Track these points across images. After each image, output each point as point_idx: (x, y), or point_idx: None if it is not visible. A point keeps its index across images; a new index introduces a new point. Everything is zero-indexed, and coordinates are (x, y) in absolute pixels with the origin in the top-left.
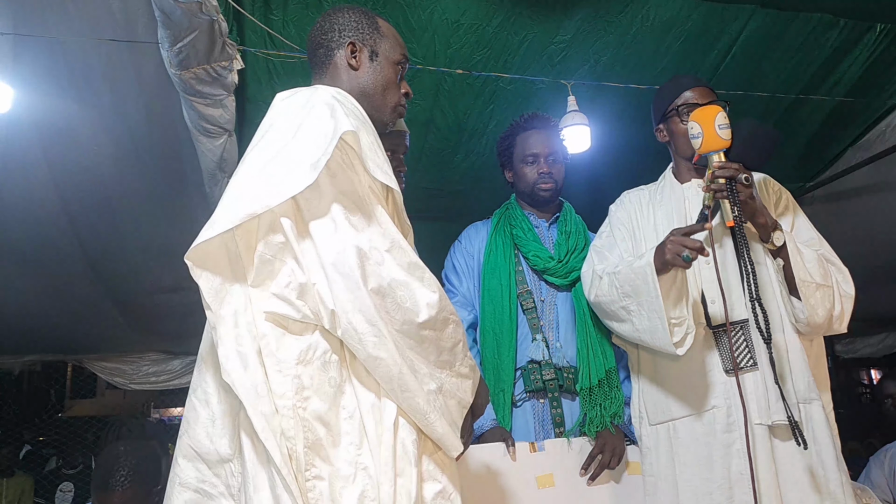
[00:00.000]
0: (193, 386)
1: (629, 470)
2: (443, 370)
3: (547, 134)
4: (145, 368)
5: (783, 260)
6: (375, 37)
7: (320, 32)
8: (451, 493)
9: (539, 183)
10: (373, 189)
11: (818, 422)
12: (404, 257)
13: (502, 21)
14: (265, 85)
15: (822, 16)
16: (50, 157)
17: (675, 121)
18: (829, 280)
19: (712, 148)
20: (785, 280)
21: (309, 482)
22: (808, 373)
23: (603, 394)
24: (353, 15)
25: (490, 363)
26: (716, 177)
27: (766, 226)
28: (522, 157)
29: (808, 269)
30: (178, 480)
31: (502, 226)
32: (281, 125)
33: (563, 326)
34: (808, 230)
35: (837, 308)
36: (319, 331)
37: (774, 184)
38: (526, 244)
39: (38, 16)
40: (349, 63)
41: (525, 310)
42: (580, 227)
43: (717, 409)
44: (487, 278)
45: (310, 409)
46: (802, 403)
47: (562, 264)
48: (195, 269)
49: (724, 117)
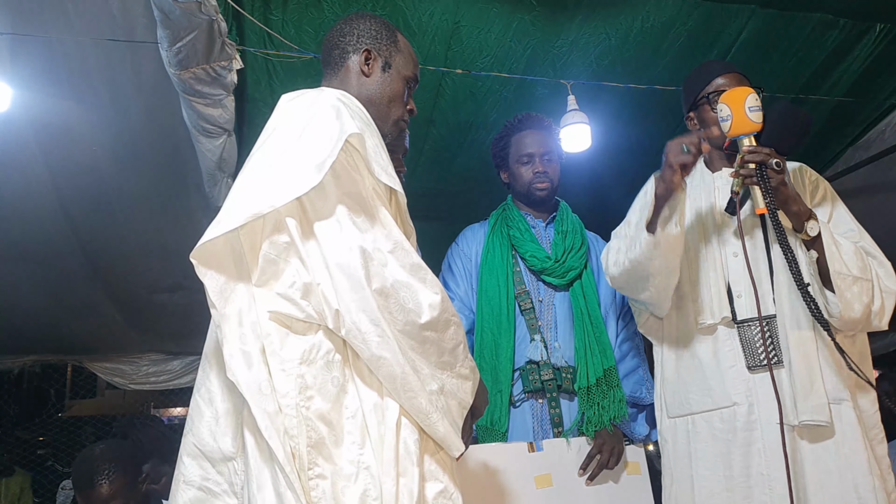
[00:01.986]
0: (198, 385)
1: (628, 470)
2: (444, 371)
3: (542, 133)
4: (145, 368)
5: (817, 252)
6: (392, 49)
7: (339, 34)
8: (452, 492)
9: (535, 182)
10: (376, 191)
11: (848, 423)
12: (407, 259)
13: (503, 24)
14: (264, 85)
15: (821, 16)
16: (48, 157)
17: (706, 108)
18: (867, 273)
19: (742, 131)
20: (818, 273)
21: (312, 481)
22: (838, 371)
23: (601, 393)
24: (375, 24)
25: (488, 364)
26: (745, 161)
27: (800, 214)
28: (518, 157)
29: (844, 261)
30: (182, 478)
31: (499, 227)
32: (286, 126)
33: (561, 326)
34: (848, 221)
35: (877, 303)
36: (323, 330)
37: (811, 172)
38: (523, 244)
39: (37, 15)
40: (361, 69)
41: (523, 310)
42: (577, 226)
43: (737, 407)
44: (485, 279)
45: (313, 409)
46: (833, 403)
47: (559, 264)
48: (200, 268)
49: (755, 99)
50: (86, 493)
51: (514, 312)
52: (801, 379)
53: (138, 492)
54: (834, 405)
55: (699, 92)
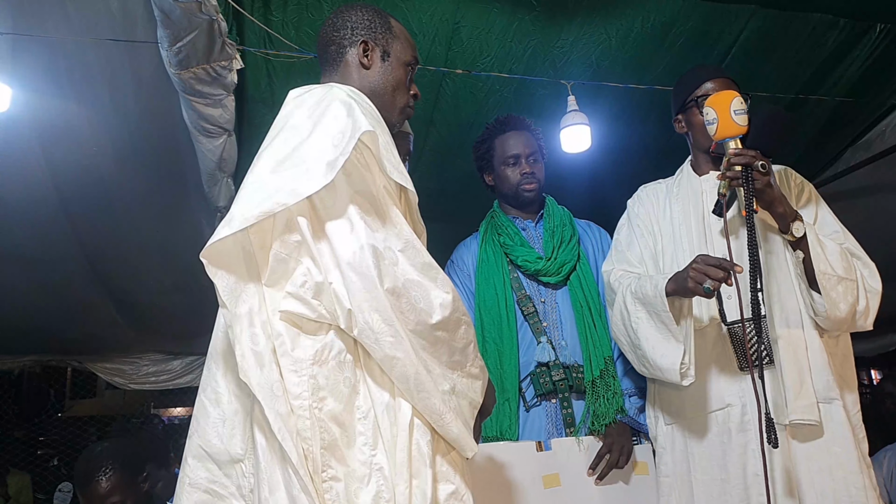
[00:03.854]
0: (203, 385)
1: (636, 470)
2: (454, 371)
3: (525, 134)
4: (145, 368)
5: (803, 252)
6: (388, 37)
7: (332, 29)
8: (463, 493)
9: (523, 183)
10: (387, 189)
11: (838, 423)
12: (418, 258)
13: (504, 25)
14: (265, 85)
15: (821, 16)
16: (49, 157)
17: (694, 111)
18: (852, 274)
19: (728, 134)
20: (805, 273)
21: (325, 483)
22: (828, 371)
23: (605, 385)
24: (367, 14)
25: (493, 373)
26: (731, 164)
27: (785, 216)
28: (503, 159)
29: (829, 262)
30: (187, 481)
31: (490, 236)
32: (296, 123)
33: (566, 323)
34: (832, 223)
35: (862, 303)
36: (334, 330)
37: (796, 175)
38: (514, 250)
39: (37, 15)
40: (361, 62)
41: (526, 315)
42: (565, 219)
43: (731, 408)
44: (482, 290)
45: (325, 410)
46: (822, 403)
47: (552, 261)
48: (211, 268)
49: (740, 102)
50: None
51: (514, 320)
52: (790, 379)
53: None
54: (823, 404)
55: (688, 95)
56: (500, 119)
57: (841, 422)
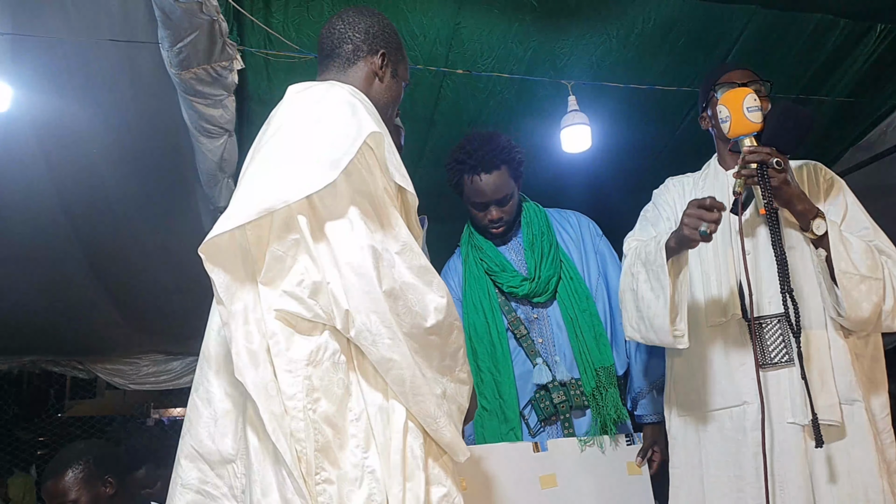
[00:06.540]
0: (195, 385)
1: (630, 470)
2: (444, 375)
3: (493, 176)
4: (145, 369)
5: (825, 250)
6: (398, 56)
7: (350, 28)
8: (454, 496)
9: (490, 228)
10: (387, 190)
11: (860, 425)
12: (414, 260)
13: (505, 26)
14: (265, 85)
15: (822, 16)
16: (49, 157)
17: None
18: (878, 272)
19: (741, 132)
20: (828, 273)
21: (319, 486)
22: (851, 372)
23: (601, 394)
24: (388, 26)
25: (492, 404)
26: (746, 162)
27: (805, 213)
28: (471, 201)
29: (851, 260)
30: (179, 482)
31: (472, 259)
32: (297, 120)
33: (557, 337)
34: (863, 220)
35: (888, 303)
36: (329, 331)
37: (826, 171)
38: (498, 276)
39: (37, 15)
40: (375, 72)
41: (519, 338)
42: (543, 228)
43: (748, 406)
44: (471, 317)
45: (319, 411)
46: (844, 404)
47: (537, 281)
48: (208, 263)
49: (753, 99)
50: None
51: (507, 346)
52: (812, 378)
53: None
54: (846, 406)
55: (708, 90)
56: (472, 150)
57: (862, 424)
